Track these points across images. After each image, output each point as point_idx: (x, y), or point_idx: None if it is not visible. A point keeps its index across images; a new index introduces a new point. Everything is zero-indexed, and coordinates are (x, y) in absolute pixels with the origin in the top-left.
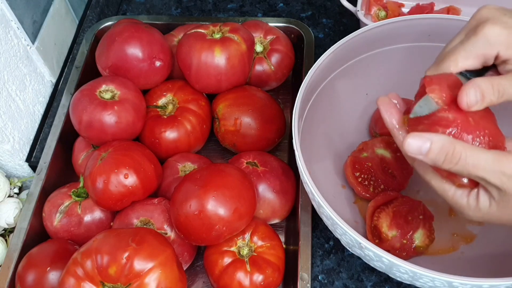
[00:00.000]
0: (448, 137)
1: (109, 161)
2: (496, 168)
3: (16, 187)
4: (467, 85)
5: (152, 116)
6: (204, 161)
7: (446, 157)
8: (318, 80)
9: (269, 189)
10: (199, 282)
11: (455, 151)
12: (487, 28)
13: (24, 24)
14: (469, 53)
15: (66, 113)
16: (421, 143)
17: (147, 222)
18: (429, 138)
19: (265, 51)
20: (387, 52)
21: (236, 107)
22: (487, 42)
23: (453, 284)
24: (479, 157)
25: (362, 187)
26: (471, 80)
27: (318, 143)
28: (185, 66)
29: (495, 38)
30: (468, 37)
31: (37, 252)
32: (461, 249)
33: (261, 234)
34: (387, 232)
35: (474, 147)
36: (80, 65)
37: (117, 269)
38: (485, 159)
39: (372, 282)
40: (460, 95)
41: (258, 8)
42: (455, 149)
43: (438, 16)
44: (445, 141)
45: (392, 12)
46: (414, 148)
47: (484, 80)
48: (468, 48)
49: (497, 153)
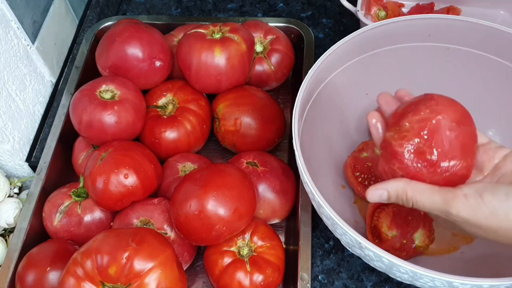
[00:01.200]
0: (401, 184)
1: (109, 161)
2: (443, 209)
3: (16, 187)
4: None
5: (152, 116)
6: (204, 161)
7: (402, 202)
8: (318, 80)
9: (269, 189)
10: (199, 282)
11: (408, 197)
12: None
13: (24, 24)
14: None
15: (66, 113)
16: (379, 193)
17: (147, 222)
18: (385, 188)
19: (265, 51)
20: (387, 52)
21: (236, 107)
22: None
23: (453, 284)
24: (428, 200)
25: (362, 187)
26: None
27: (318, 143)
28: (185, 66)
29: None
30: None
31: (37, 252)
32: (461, 249)
33: (261, 234)
34: (387, 232)
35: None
36: (80, 65)
37: (117, 269)
38: (434, 201)
39: (372, 282)
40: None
41: (258, 8)
42: (407, 195)
43: (438, 16)
44: (398, 188)
45: (392, 12)
46: (375, 198)
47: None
48: None
49: (446, 193)
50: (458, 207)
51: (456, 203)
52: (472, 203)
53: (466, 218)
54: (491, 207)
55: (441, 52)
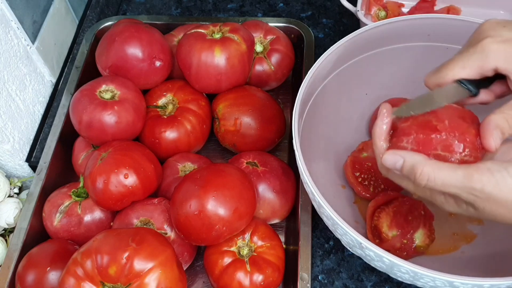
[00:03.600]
0: (419, 158)
1: (109, 161)
2: (466, 184)
3: (16, 187)
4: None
5: (152, 116)
6: (204, 161)
7: (415, 176)
8: (318, 80)
9: (269, 189)
10: (199, 282)
11: (423, 172)
12: (485, 42)
13: (24, 24)
14: (466, 63)
15: (66, 113)
16: (395, 160)
17: (147, 222)
18: (404, 156)
19: (265, 51)
20: (387, 52)
21: (236, 107)
22: (484, 54)
23: (454, 284)
24: (449, 176)
25: (362, 187)
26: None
27: (318, 143)
28: (185, 66)
29: (492, 51)
30: (467, 49)
31: (37, 252)
32: (462, 249)
33: (261, 234)
34: (388, 232)
35: (443, 166)
36: (80, 65)
37: (117, 269)
38: (455, 177)
39: (372, 282)
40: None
41: (258, 8)
42: (423, 170)
43: (438, 16)
44: (416, 161)
45: (392, 12)
46: (389, 163)
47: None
48: (466, 59)
49: (467, 168)
50: (483, 180)
51: (480, 176)
52: (497, 176)
53: (490, 192)
54: None
55: (441, 52)
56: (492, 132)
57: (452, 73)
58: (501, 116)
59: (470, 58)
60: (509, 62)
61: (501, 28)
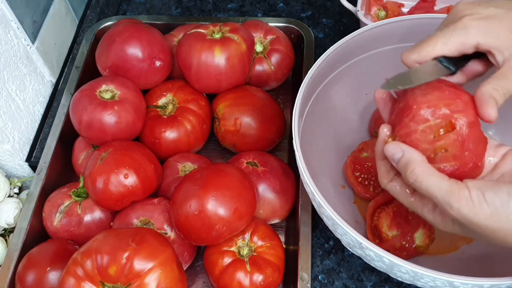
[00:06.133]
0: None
1: (109, 161)
2: (446, 199)
3: (16, 187)
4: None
5: (152, 116)
6: (204, 161)
7: (406, 172)
8: (318, 80)
9: (269, 189)
10: (199, 282)
11: (414, 172)
12: (465, 19)
13: (24, 24)
14: (448, 40)
15: (66, 113)
16: (395, 151)
17: (147, 222)
18: (404, 150)
19: (265, 51)
20: (387, 52)
21: (236, 107)
22: (466, 31)
23: (454, 284)
24: (434, 184)
25: (362, 187)
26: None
27: (318, 143)
28: (185, 66)
29: (473, 27)
30: (447, 26)
31: (37, 252)
32: (462, 249)
33: (261, 234)
34: (388, 232)
35: (434, 174)
36: (80, 65)
37: (117, 269)
38: (438, 187)
39: (372, 282)
40: (485, 107)
41: (258, 8)
42: (414, 169)
43: (437, 16)
44: (412, 158)
45: (392, 12)
46: (389, 153)
47: (490, 88)
48: (448, 35)
49: (453, 184)
50: (461, 202)
51: (460, 197)
52: (475, 201)
53: (466, 215)
54: (492, 207)
55: None
56: (488, 100)
57: (434, 49)
58: (490, 86)
59: (452, 35)
60: (490, 38)
61: (476, 6)
